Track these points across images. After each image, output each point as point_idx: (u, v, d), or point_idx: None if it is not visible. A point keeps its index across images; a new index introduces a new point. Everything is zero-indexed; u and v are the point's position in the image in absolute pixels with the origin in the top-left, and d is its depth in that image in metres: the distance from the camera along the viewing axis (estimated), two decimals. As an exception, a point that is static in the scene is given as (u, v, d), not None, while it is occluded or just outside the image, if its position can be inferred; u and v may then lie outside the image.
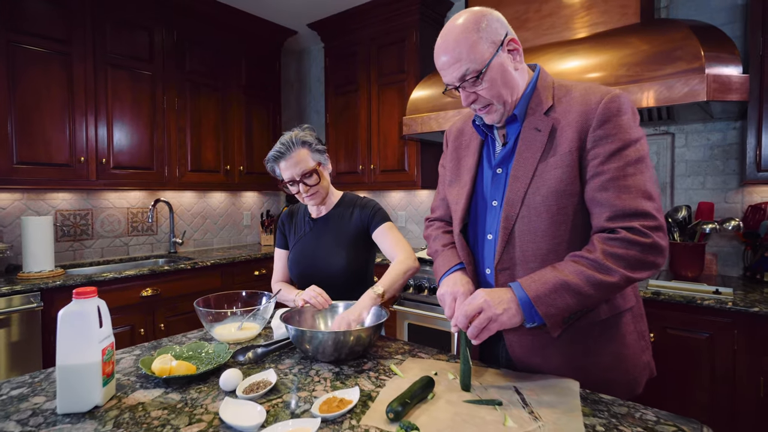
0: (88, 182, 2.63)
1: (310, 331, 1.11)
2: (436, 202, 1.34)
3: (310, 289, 1.36)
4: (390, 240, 1.50)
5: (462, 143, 1.23)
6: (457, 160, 1.24)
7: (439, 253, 1.22)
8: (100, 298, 0.94)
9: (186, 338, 1.33)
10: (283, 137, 1.47)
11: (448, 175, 1.25)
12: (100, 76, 2.65)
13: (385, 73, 3.24)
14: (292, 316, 1.28)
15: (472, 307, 0.93)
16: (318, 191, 1.50)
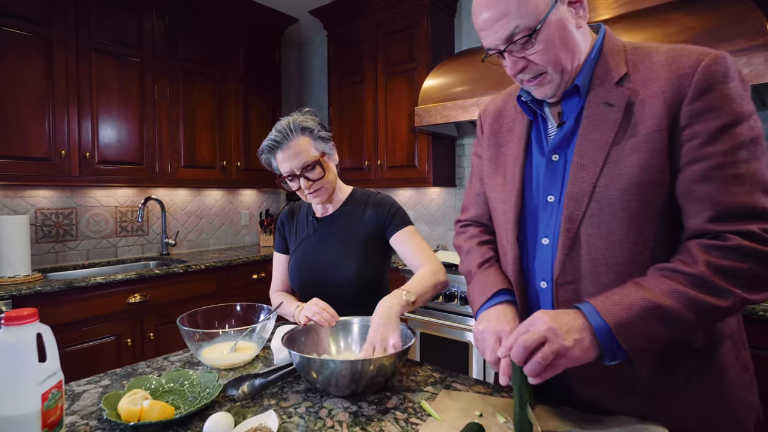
0: (71, 178, 2.40)
1: (319, 359, 0.89)
2: (469, 199, 1.11)
3: (312, 303, 1.13)
4: (413, 247, 1.28)
5: (502, 126, 1.01)
6: (496, 147, 1.01)
7: (475, 275, 0.99)
8: (84, 303, 0.71)
9: (168, 362, 1.10)
10: (280, 123, 1.24)
11: (486, 166, 1.03)
12: (84, 62, 2.42)
13: (393, 63, 3.01)
14: (295, 336, 1.05)
15: (533, 336, 0.70)
16: (322, 187, 1.27)
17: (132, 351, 2.36)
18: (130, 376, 1.00)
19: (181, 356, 1.14)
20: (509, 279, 0.98)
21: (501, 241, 0.97)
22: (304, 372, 0.92)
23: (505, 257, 0.95)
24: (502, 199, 0.96)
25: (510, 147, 0.98)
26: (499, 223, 0.97)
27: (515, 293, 0.93)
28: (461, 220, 1.12)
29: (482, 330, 0.86)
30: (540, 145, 0.92)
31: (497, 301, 0.90)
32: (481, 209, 1.08)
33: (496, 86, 2.17)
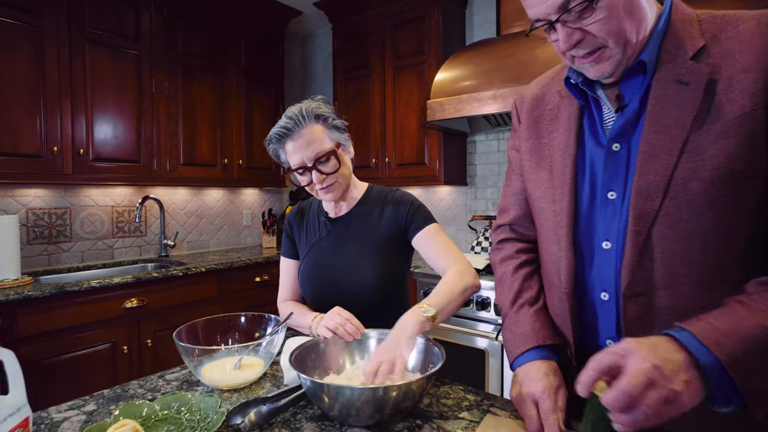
0: (64, 176, 2.27)
1: (334, 386, 0.75)
2: (508, 199, 0.98)
3: (334, 313, 1.00)
4: (438, 247, 1.14)
5: (543, 114, 0.88)
6: (537, 137, 0.88)
7: (508, 316, 0.89)
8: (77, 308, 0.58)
9: (163, 381, 0.97)
10: (290, 109, 1.11)
11: (527, 159, 0.90)
12: (77, 54, 2.29)
13: (402, 56, 2.88)
14: (305, 354, 0.92)
15: (637, 379, 0.53)
16: (336, 182, 1.14)
17: (129, 359, 2.23)
18: (119, 400, 0.87)
19: (178, 374, 1.01)
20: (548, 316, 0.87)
21: (549, 246, 0.84)
22: (317, 400, 0.79)
23: (556, 265, 0.82)
24: (550, 198, 0.83)
25: (556, 137, 0.85)
26: (546, 226, 0.84)
27: (567, 305, 0.80)
28: (501, 225, 0.99)
29: (517, 394, 0.78)
30: (594, 134, 0.79)
31: (530, 359, 0.80)
32: (522, 209, 0.95)
33: (515, 78, 2.04)
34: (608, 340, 0.77)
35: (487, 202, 2.89)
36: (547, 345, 0.82)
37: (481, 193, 2.91)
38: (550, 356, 0.81)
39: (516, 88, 2.02)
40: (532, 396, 0.75)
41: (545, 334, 0.83)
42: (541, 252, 0.89)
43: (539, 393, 0.74)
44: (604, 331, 0.77)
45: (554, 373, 0.77)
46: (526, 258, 0.94)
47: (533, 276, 0.92)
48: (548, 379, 0.75)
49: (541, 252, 0.89)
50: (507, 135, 2.77)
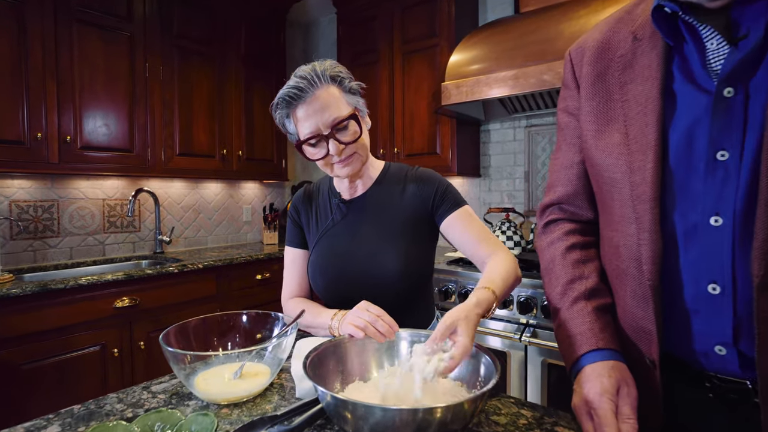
0: (49, 165, 2.10)
1: (361, 404, 0.58)
2: (557, 174, 0.82)
3: (361, 308, 0.84)
4: (475, 233, 0.98)
5: (612, 64, 0.71)
6: (605, 93, 0.71)
7: (560, 312, 0.73)
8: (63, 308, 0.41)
9: (148, 394, 0.80)
10: (301, 69, 0.95)
11: (590, 122, 0.73)
12: (63, 33, 2.12)
13: (412, 39, 2.71)
14: (322, 359, 0.76)
15: None
16: (356, 153, 0.98)
17: (120, 362, 2.06)
18: (91, 419, 0.70)
19: (167, 385, 0.84)
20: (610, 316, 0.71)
21: (623, 227, 0.67)
22: (339, 419, 0.62)
23: (633, 250, 0.65)
24: (626, 166, 0.66)
25: (631, 90, 0.68)
26: (620, 201, 0.67)
27: (651, 301, 0.63)
28: (547, 207, 0.83)
29: (573, 404, 0.64)
30: (693, 79, 0.62)
31: (589, 362, 0.65)
32: (575, 185, 0.78)
33: (539, 56, 1.88)
34: (718, 347, 0.60)
35: (501, 194, 2.72)
36: (608, 351, 0.66)
37: (495, 185, 2.74)
38: (614, 357, 0.65)
39: (539, 67, 1.85)
40: (584, 405, 0.61)
41: (608, 337, 0.67)
42: (609, 235, 0.72)
43: (591, 400, 0.60)
44: (712, 335, 0.60)
45: (613, 371, 0.62)
46: (577, 240, 0.78)
47: (588, 263, 0.76)
48: (601, 381, 0.61)
49: (609, 235, 0.72)
50: (523, 123, 2.60)
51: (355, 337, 0.79)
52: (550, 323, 1.78)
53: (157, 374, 2.12)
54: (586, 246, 0.77)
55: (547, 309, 1.75)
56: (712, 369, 0.62)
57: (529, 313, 1.84)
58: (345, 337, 0.81)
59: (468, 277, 2.04)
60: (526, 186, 2.58)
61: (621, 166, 0.67)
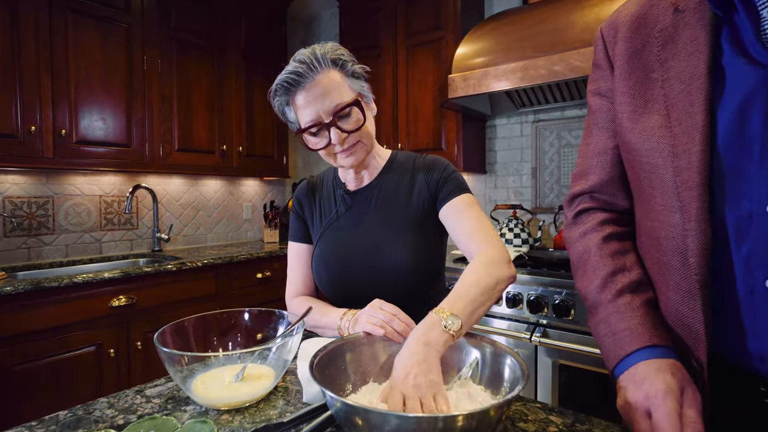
0: (44, 160, 2.03)
1: (375, 412, 0.52)
2: (586, 162, 0.75)
3: (375, 307, 0.78)
4: (469, 224, 0.90)
5: (651, 40, 0.65)
6: (642, 71, 0.65)
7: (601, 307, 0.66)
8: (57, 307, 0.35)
9: (142, 399, 0.74)
10: (300, 53, 0.89)
11: (625, 104, 0.67)
12: (58, 24, 2.06)
13: (416, 32, 2.65)
14: (331, 360, 0.69)
15: None
16: (360, 142, 0.92)
17: (116, 363, 1.99)
18: (77, 426, 0.64)
19: (162, 388, 0.77)
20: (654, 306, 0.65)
21: (666, 217, 0.61)
22: (351, 427, 0.55)
23: (678, 241, 0.59)
24: (669, 150, 0.60)
25: (673, 67, 0.61)
26: (661, 189, 0.61)
27: (698, 298, 0.57)
28: (577, 196, 0.76)
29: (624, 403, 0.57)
30: (745, 52, 0.56)
31: (641, 359, 0.58)
32: (608, 173, 0.72)
33: (549, 47, 1.81)
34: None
35: (508, 191, 2.66)
36: (663, 348, 0.60)
37: (501, 182, 2.68)
38: (672, 356, 0.59)
39: (551, 58, 1.79)
40: (642, 403, 0.54)
41: (663, 334, 0.61)
42: (648, 225, 0.65)
43: (653, 396, 0.52)
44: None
45: (675, 370, 0.55)
46: (613, 231, 0.71)
47: (627, 254, 0.69)
48: (664, 378, 0.54)
49: (648, 225, 0.65)
50: (530, 118, 2.54)
51: (374, 335, 0.73)
52: (561, 323, 1.72)
53: (155, 376, 2.05)
54: (624, 237, 0.71)
55: (560, 308, 1.69)
56: (767, 372, 0.56)
57: (539, 312, 1.77)
58: (357, 336, 0.75)
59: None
60: (533, 182, 2.52)
61: (662, 151, 0.61)
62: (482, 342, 0.74)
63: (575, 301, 1.67)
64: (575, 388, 1.73)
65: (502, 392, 0.66)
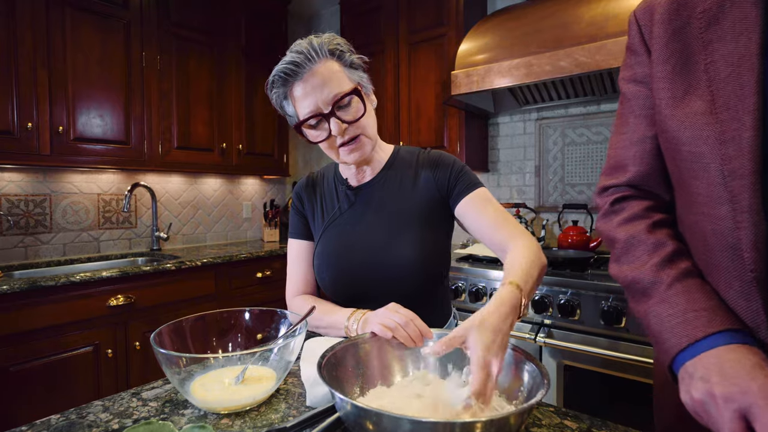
0: (40, 157, 2.00)
1: (388, 416, 0.49)
2: (623, 153, 0.71)
3: (390, 309, 0.75)
4: (493, 217, 0.89)
5: (692, 21, 0.61)
6: (682, 54, 0.61)
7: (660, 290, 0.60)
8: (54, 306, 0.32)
9: (138, 402, 0.71)
10: (297, 44, 0.87)
11: (664, 89, 0.63)
12: (56, 19, 2.03)
13: (418, 29, 2.62)
14: (339, 361, 0.66)
15: None
16: (362, 134, 0.89)
17: (114, 364, 1.96)
18: (70, 430, 0.61)
19: (160, 391, 0.74)
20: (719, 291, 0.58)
21: (712, 209, 0.57)
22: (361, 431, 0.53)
23: (727, 236, 0.55)
24: (715, 137, 0.56)
25: (717, 49, 0.58)
26: (706, 179, 0.57)
27: (755, 295, 0.54)
28: (611, 187, 0.71)
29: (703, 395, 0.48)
30: None
31: (721, 343, 0.51)
32: (648, 164, 0.68)
33: (555, 42, 1.78)
34: None
35: (511, 189, 2.63)
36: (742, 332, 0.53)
37: (504, 180, 2.65)
38: (753, 343, 0.52)
39: (556, 53, 1.76)
40: (738, 399, 0.45)
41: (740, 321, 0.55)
42: (692, 220, 0.62)
43: (756, 395, 0.44)
44: None
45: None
46: (663, 218, 0.67)
47: (682, 241, 0.65)
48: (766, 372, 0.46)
49: (692, 220, 0.62)
50: (533, 116, 2.51)
51: (381, 336, 0.70)
52: (566, 323, 1.69)
53: (154, 377, 2.03)
54: (674, 225, 0.66)
55: (565, 308, 1.66)
56: None
57: (544, 312, 1.75)
58: (364, 337, 0.72)
59: (477, 275, 1.95)
60: (536, 181, 2.49)
61: (707, 138, 0.57)
62: None
63: (580, 300, 1.64)
64: (580, 390, 1.70)
65: (519, 398, 0.63)
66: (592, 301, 1.61)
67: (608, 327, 1.57)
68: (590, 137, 2.28)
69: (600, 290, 1.58)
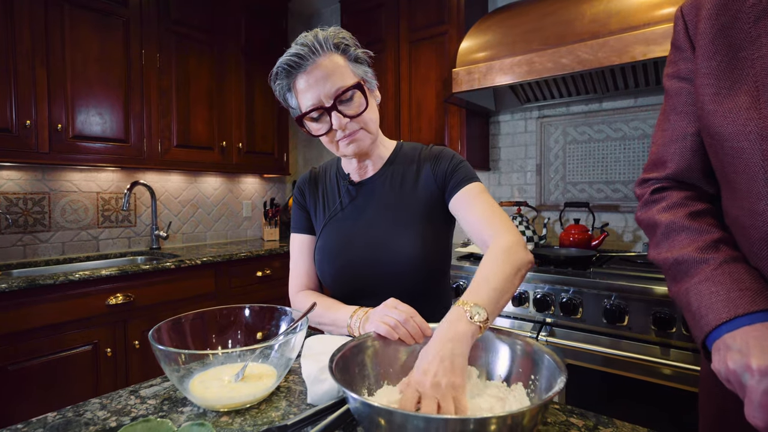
0: (39, 155, 1.99)
1: (400, 413, 0.48)
2: (664, 149, 0.71)
3: (389, 306, 0.74)
4: (482, 211, 0.87)
5: (740, 16, 0.60)
6: (728, 50, 0.60)
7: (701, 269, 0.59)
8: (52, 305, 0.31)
9: (136, 400, 0.70)
10: (302, 36, 0.86)
11: (710, 85, 0.62)
12: (54, 16, 2.02)
13: (419, 27, 2.61)
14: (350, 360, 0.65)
15: None
16: (363, 129, 0.88)
17: (113, 363, 1.95)
18: (66, 428, 0.60)
19: (158, 388, 0.73)
20: None
21: (751, 206, 0.56)
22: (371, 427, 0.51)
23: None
24: (757, 133, 0.55)
25: (765, 44, 0.57)
26: (748, 174, 0.57)
27: None
28: (650, 179, 0.71)
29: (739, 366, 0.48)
30: None
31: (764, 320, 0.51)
32: (689, 160, 0.67)
33: (557, 39, 1.77)
34: None
35: (512, 188, 2.62)
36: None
37: (505, 179, 2.64)
38: None
39: (558, 50, 1.74)
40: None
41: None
42: (735, 214, 0.61)
43: None
44: None
45: None
46: (705, 207, 0.66)
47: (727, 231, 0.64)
48: None
49: (735, 214, 0.61)
50: (535, 114, 2.50)
51: (388, 337, 0.69)
52: (568, 321, 1.67)
53: (153, 376, 2.01)
54: (717, 215, 0.66)
55: (567, 306, 1.64)
56: None
57: (546, 310, 1.73)
58: (371, 335, 0.71)
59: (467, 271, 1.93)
60: (537, 179, 2.48)
61: (749, 134, 0.56)
62: (515, 339, 0.69)
63: (582, 299, 1.63)
64: (582, 388, 1.69)
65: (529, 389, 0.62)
66: (594, 299, 1.60)
67: (610, 325, 1.56)
68: (592, 135, 2.27)
69: (602, 288, 1.57)
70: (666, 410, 1.47)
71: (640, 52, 1.56)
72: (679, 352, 1.43)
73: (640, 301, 1.49)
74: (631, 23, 1.60)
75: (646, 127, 2.11)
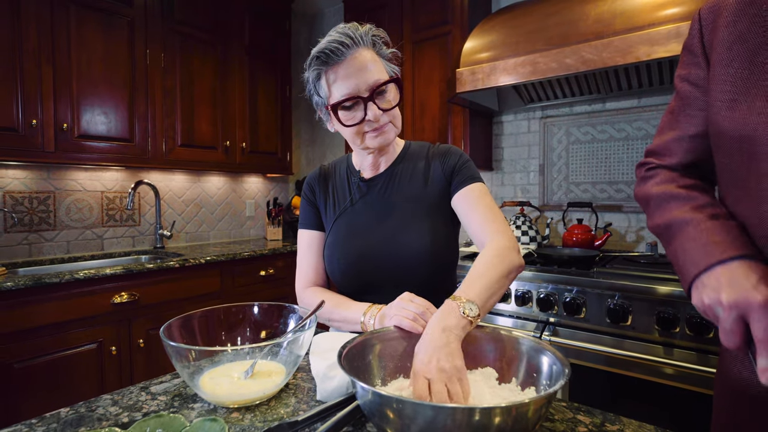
0: (45, 154, 2.00)
1: (410, 402, 0.49)
2: (673, 144, 0.73)
3: (405, 299, 0.75)
4: (482, 212, 0.89)
5: (758, 18, 0.60)
6: (747, 55, 0.61)
7: (690, 223, 0.63)
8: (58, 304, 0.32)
9: (147, 395, 0.70)
10: (342, 27, 0.87)
11: (725, 91, 0.63)
12: (60, 16, 2.03)
13: (422, 27, 2.61)
14: (357, 353, 0.66)
15: None
16: (392, 123, 0.91)
17: (118, 361, 1.96)
18: (80, 423, 0.61)
19: (168, 385, 0.74)
20: None
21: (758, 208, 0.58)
22: (381, 419, 0.52)
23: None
24: None
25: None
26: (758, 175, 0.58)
27: None
28: (650, 162, 0.76)
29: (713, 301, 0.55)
30: None
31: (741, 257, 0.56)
32: (689, 159, 0.70)
33: (561, 39, 1.78)
34: None
35: (515, 188, 2.62)
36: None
37: (509, 179, 2.65)
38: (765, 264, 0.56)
39: (562, 50, 1.75)
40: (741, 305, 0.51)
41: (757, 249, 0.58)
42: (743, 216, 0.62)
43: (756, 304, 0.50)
44: None
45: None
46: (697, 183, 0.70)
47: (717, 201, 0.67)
48: None
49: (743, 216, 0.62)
50: (538, 114, 2.50)
51: (417, 331, 0.69)
52: (572, 321, 1.68)
53: (157, 374, 2.02)
54: (709, 191, 0.69)
55: (570, 306, 1.65)
56: None
57: (549, 310, 1.74)
58: (387, 329, 0.72)
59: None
60: (540, 179, 2.49)
61: (760, 138, 0.57)
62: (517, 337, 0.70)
63: (586, 299, 1.63)
64: (586, 388, 1.69)
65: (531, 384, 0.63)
66: (597, 299, 1.60)
67: (614, 325, 1.56)
68: (595, 135, 2.28)
69: (605, 288, 1.58)
70: (669, 410, 1.48)
71: (644, 53, 1.56)
72: (682, 351, 1.43)
73: (644, 301, 1.50)
74: (635, 23, 1.60)
75: (649, 127, 2.11)
